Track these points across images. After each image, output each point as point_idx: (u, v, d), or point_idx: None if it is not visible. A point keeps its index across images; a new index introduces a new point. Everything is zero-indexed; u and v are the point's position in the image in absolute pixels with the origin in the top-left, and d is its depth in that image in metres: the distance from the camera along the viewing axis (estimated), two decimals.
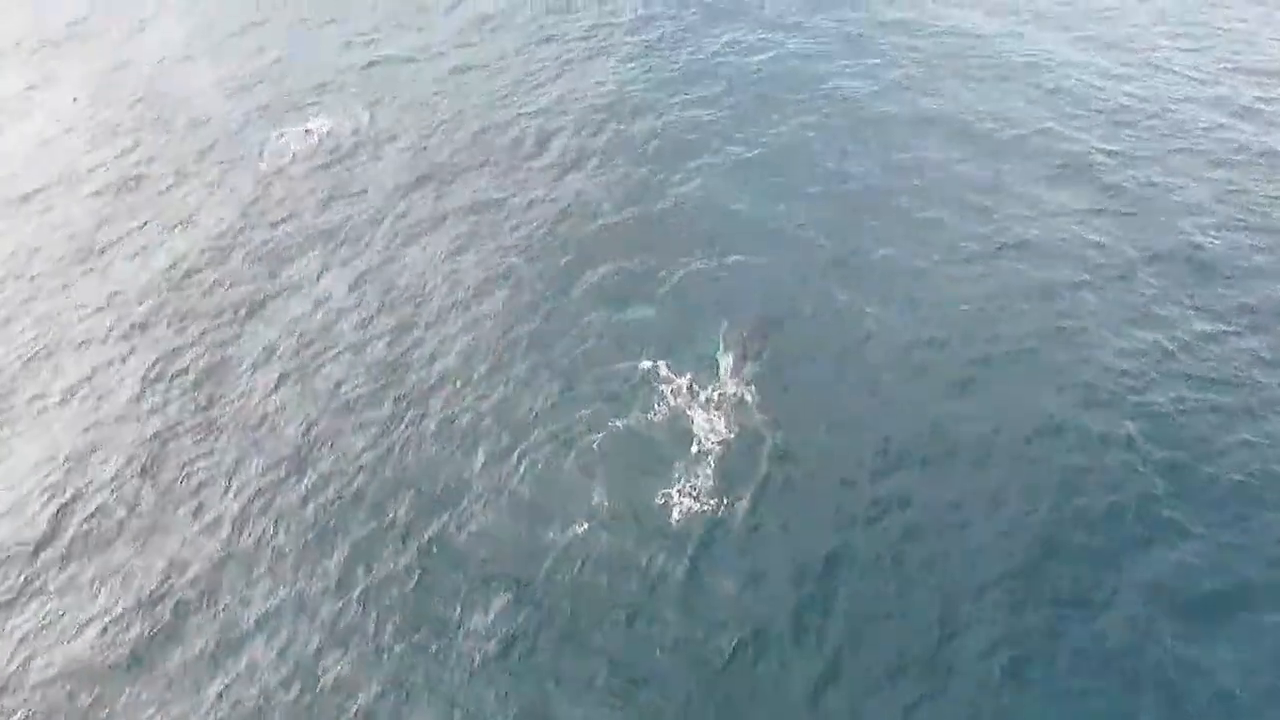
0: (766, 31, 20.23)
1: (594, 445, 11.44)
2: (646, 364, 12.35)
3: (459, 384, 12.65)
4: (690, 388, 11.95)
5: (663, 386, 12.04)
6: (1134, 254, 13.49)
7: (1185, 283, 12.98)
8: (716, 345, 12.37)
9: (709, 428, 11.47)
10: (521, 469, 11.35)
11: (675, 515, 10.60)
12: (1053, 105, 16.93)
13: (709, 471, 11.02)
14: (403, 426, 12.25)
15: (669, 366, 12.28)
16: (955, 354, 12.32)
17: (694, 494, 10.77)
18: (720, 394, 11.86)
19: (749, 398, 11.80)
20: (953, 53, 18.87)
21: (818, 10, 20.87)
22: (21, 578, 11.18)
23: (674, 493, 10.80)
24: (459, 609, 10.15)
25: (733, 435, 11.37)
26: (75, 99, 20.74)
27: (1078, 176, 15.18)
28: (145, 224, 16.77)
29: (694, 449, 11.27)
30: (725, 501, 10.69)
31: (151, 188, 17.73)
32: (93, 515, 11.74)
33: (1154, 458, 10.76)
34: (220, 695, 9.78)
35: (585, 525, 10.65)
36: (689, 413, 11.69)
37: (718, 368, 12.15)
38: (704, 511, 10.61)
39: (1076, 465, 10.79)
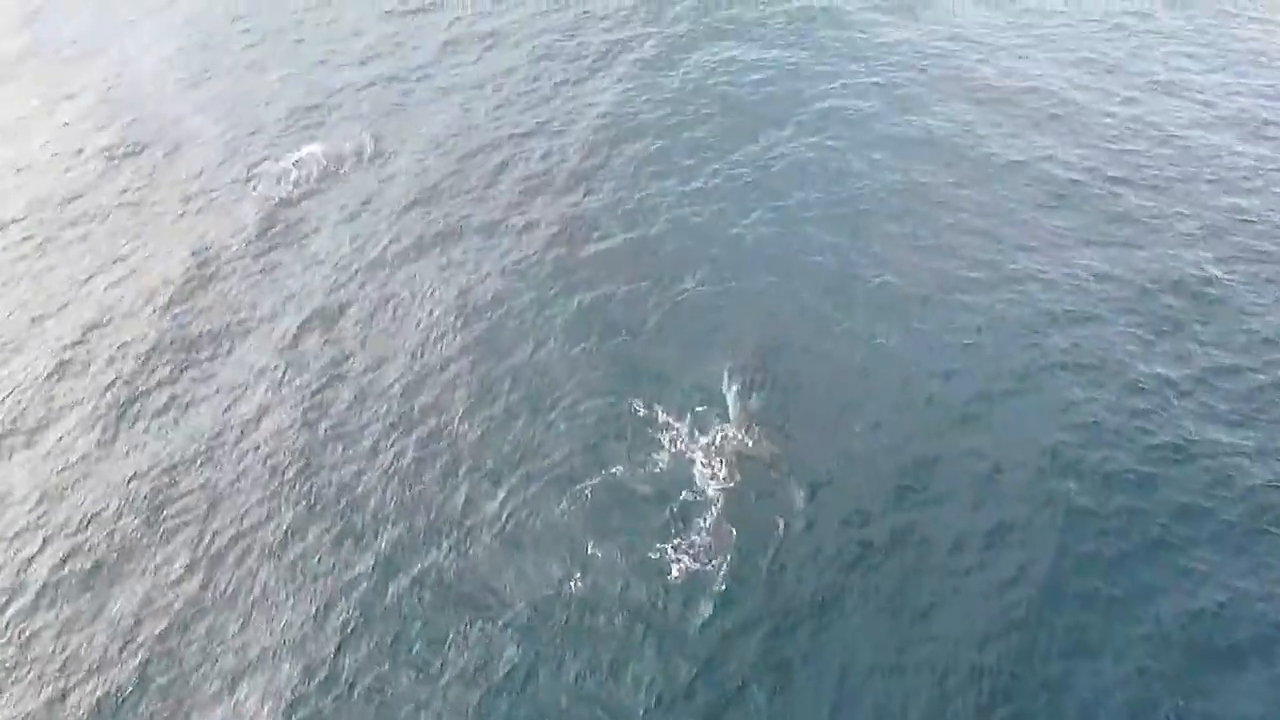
0: (764, 50, 20.00)
1: (587, 489, 11.05)
2: (644, 400, 11.98)
3: (450, 418, 12.31)
4: (691, 432, 11.55)
5: (660, 432, 11.61)
6: (1142, 284, 13.12)
7: (1196, 314, 12.59)
8: (720, 381, 12.00)
9: (708, 472, 11.07)
10: (511, 511, 11.00)
11: (669, 562, 10.21)
12: (1056, 130, 16.60)
13: (705, 518, 10.62)
14: (389, 462, 11.94)
15: (667, 403, 11.91)
16: (956, 388, 11.95)
17: (690, 548, 10.34)
18: (722, 435, 11.47)
19: (748, 439, 11.41)
20: (953, 75, 18.59)
21: (816, 30, 20.63)
22: None
23: (669, 547, 10.37)
24: (444, 652, 9.80)
25: (732, 481, 10.96)
26: (67, 123, 20.57)
27: (1082, 203, 14.83)
28: (134, 249, 16.52)
29: (691, 495, 10.87)
30: (720, 548, 10.30)
31: (143, 213, 17.49)
32: (68, 557, 11.42)
33: (1165, 500, 10.36)
34: None
35: (577, 568, 10.29)
36: (689, 455, 11.30)
37: (722, 403, 11.77)
38: (698, 558, 10.22)
39: (1083, 507, 10.39)
